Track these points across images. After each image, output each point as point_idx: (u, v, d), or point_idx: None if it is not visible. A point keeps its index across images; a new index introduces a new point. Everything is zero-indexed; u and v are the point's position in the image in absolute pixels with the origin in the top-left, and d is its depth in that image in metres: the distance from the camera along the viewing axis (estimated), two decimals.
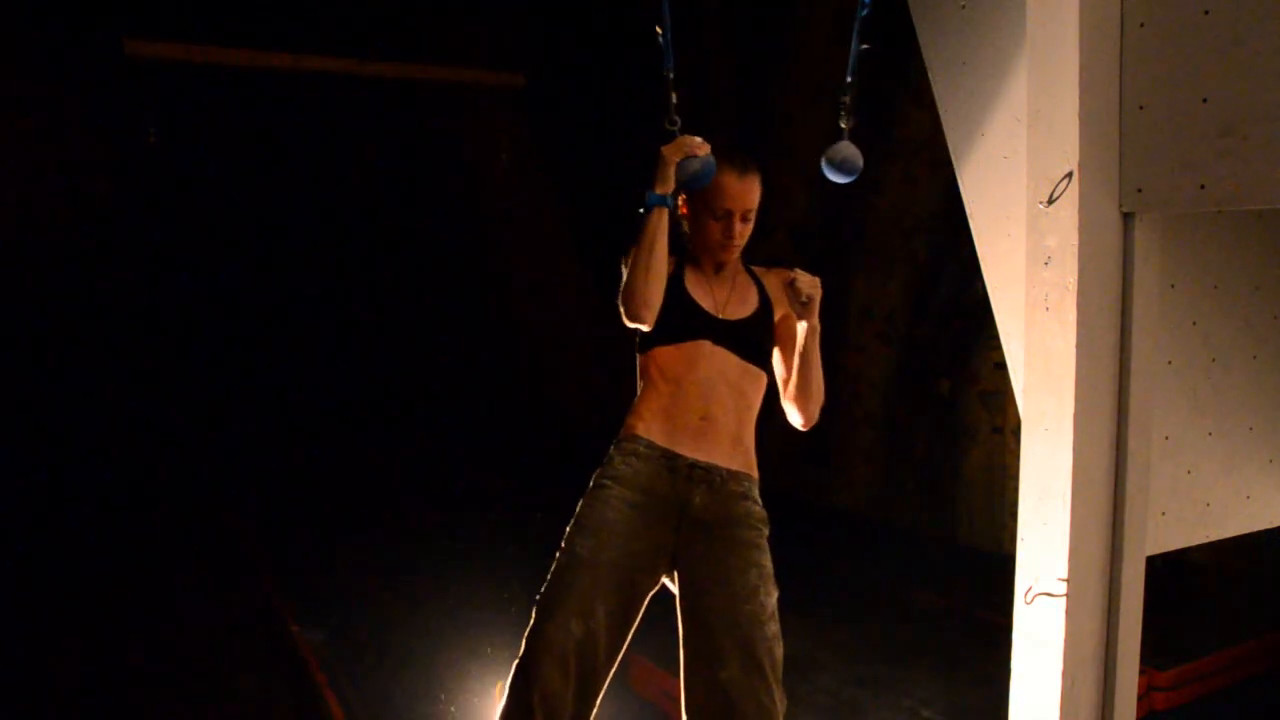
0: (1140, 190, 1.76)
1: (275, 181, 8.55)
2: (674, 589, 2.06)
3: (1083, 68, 1.72)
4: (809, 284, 2.11)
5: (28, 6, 7.24)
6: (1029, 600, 1.84)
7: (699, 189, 2.06)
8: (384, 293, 9.43)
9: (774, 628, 1.99)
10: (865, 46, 2.14)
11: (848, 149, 2.16)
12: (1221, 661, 4.04)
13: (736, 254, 2.16)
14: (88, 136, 7.81)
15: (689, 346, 2.09)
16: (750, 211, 2.15)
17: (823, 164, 2.20)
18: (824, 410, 2.23)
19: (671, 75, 2.07)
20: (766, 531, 2.09)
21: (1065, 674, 1.78)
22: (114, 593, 4.88)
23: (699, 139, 2.04)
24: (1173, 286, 1.97)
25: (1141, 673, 2.27)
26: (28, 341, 7.66)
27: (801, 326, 2.14)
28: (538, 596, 2.01)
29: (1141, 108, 1.74)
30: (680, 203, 2.16)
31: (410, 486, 6.90)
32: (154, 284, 8.36)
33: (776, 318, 2.20)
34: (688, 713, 1.97)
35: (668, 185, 2.03)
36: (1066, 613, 1.78)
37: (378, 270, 9.35)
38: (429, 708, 3.74)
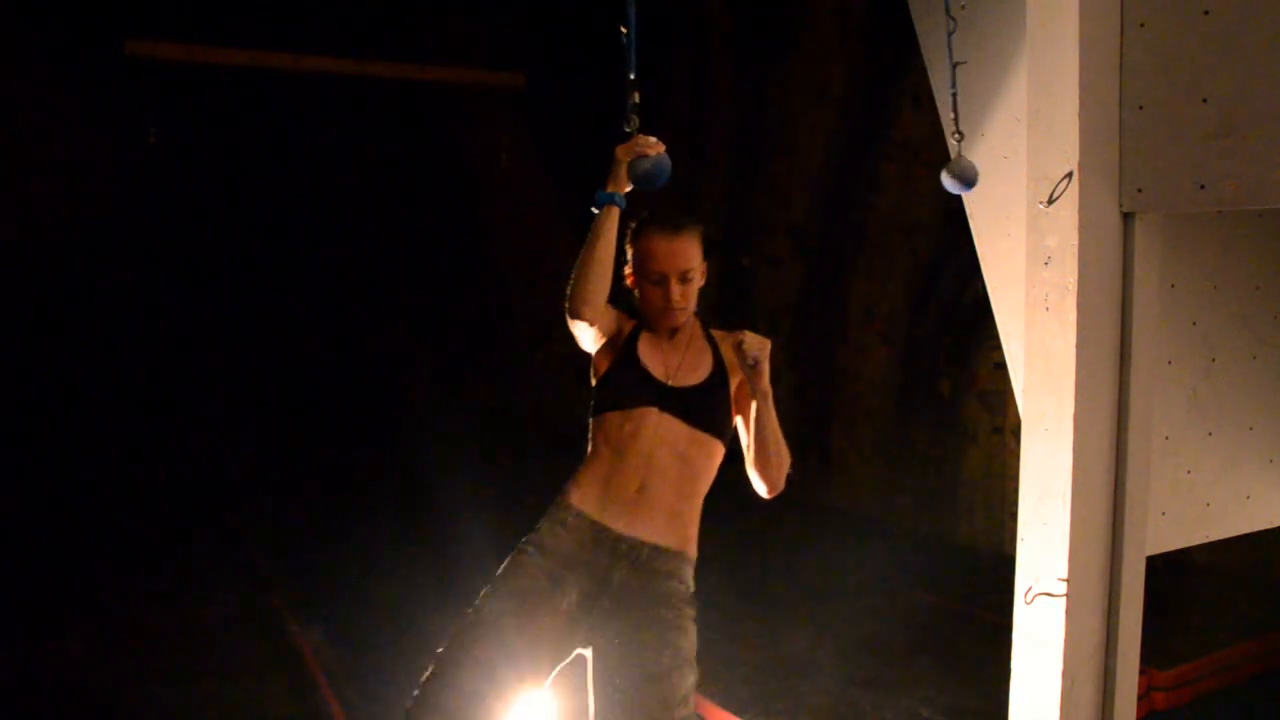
0: (1140, 190, 1.76)
1: (275, 181, 8.55)
2: (588, 660, 2.04)
3: (1083, 68, 1.72)
4: (756, 345, 2.02)
5: (28, 6, 7.24)
6: (1029, 600, 1.84)
7: (652, 189, 1.99)
8: (384, 292, 9.43)
9: (684, 711, 1.98)
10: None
11: (963, 161, 2.09)
12: (1221, 661, 4.04)
13: (682, 318, 2.09)
14: (88, 136, 7.81)
15: (636, 414, 2.05)
16: (689, 272, 2.08)
17: (944, 178, 2.12)
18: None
19: (633, 76, 2.04)
20: (691, 613, 2.07)
21: (1065, 674, 1.79)
22: (113, 592, 4.88)
23: (653, 139, 2.00)
24: (1173, 286, 1.97)
25: (1141, 673, 2.27)
26: (27, 341, 7.66)
27: (757, 391, 2.04)
28: (439, 648, 1.98)
29: (1141, 108, 1.74)
30: (626, 273, 2.13)
31: (410, 486, 6.90)
32: (154, 284, 8.36)
33: (733, 384, 2.13)
34: None
35: (619, 184, 2.01)
36: (1066, 613, 1.78)
37: (377, 270, 9.35)
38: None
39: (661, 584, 2.04)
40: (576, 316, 2.01)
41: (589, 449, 2.13)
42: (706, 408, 2.09)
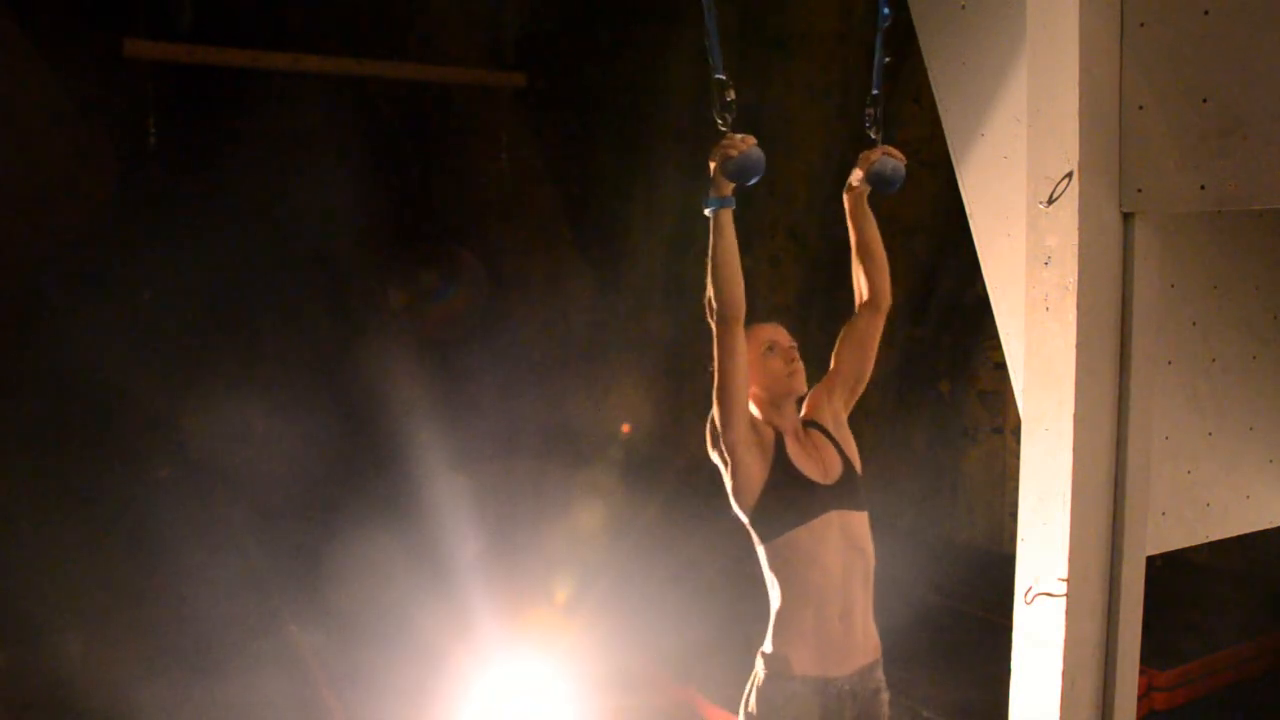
0: (1140, 190, 1.76)
1: (274, 181, 8.55)
2: None
3: (1083, 68, 1.72)
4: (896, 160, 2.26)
5: (28, 6, 7.23)
6: (1029, 600, 1.84)
7: (749, 181, 2.05)
8: (384, 292, 9.42)
9: None
10: (888, 59, 2.18)
11: (896, 164, 2.21)
12: (1221, 661, 4.04)
13: (803, 384, 2.26)
14: (88, 136, 7.80)
15: (819, 524, 2.14)
16: (794, 349, 2.27)
17: (867, 178, 2.24)
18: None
19: (719, 75, 2.08)
20: (887, 700, 2.23)
21: (1065, 674, 1.78)
22: (112, 592, 4.88)
23: (740, 136, 2.05)
24: (1173, 286, 1.96)
25: (1141, 673, 2.27)
26: (27, 341, 7.65)
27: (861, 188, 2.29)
28: None
29: (1141, 108, 1.74)
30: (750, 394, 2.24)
31: (410, 487, 6.90)
32: (155, 283, 8.35)
33: (834, 380, 2.35)
34: None
35: (720, 188, 2.05)
36: (1066, 613, 1.78)
37: (377, 269, 9.35)
38: (431, 707, 3.74)
39: (877, 699, 2.20)
40: (727, 322, 2.07)
41: (777, 582, 2.18)
42: (862, 488, 2.26)
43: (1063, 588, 1.77)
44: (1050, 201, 1.77)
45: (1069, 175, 1.74)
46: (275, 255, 8.80)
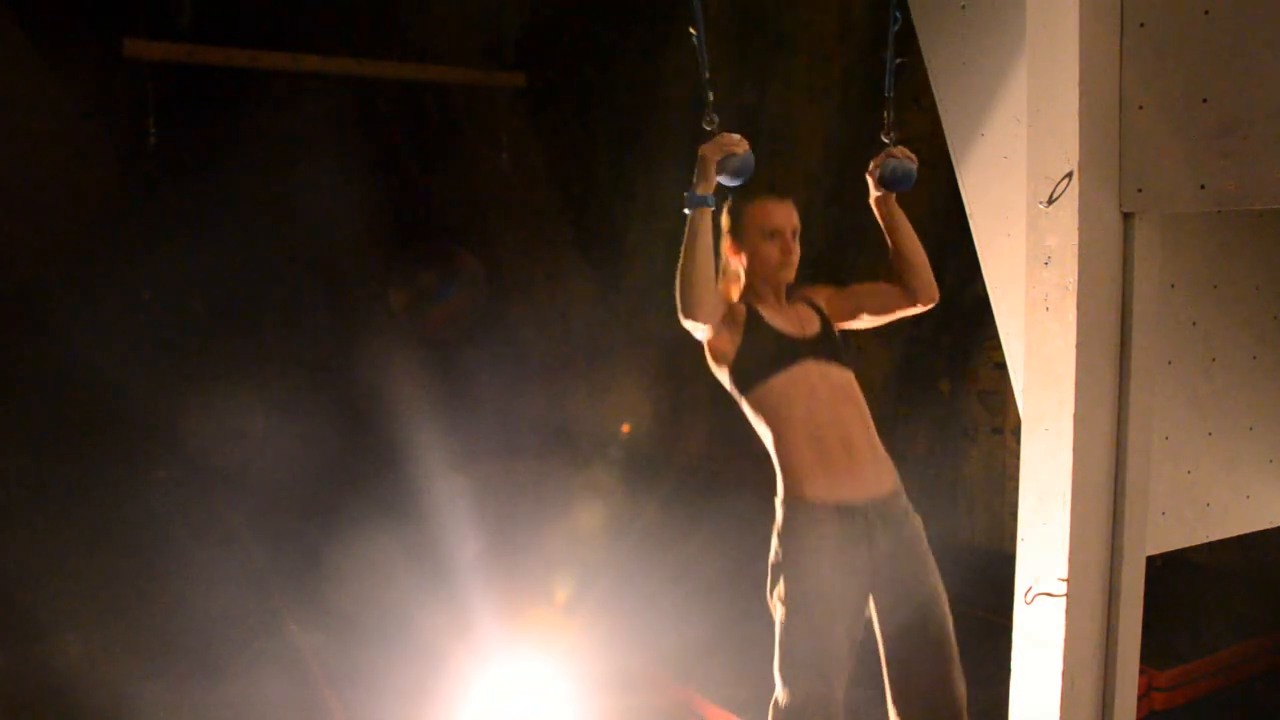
0: (1140, 190, 1.76)
1: (274, 181, 8.55)
2: (870, 608, 2.19)
3: (1083, 68, 1.72)
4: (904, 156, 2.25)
5: (28, 6, 7.23)
6: (1029, 600, 1.84)
7: (739, 184, 2.11)
8: (384, 292, 9.42)
9: (945, 607, 2.19)
10: (900, 60, 2.20)
11: (897, 163, 2.23)
12: (1221, 661, 4.04)
13: (793, 274, 2.25)
14: (88, 136, 7.81)
15: (795, 371, 2.15)
16: (796, 231, 2.25)
17: (878, 182, 2.25)
18: None
19: (708, 75, 2.09)
20: (920, 523, 2.22)
21: (1065, 674, 1.79)
22: (112, 592, 4.88)
23: (737, 136, 2.07)
24: (1173, 286, 1.97)
25: (1141, 673, 2.27)
26: (27, 342, 7.66)
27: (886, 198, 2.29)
28: (777, 666, 2.15)
29: (1141, 108, 1.74)
30: (731, 248, 2.26)
31: (410, 487, 6.90)
32: (154, 283, 8.35)
33: (839, 301, 2.33)
34: (892, 695, 2.19)
35: (709, 184, 2.06)
36: (1066, 613, 1.78)
37: (377, 269, 9.35)
38: (431, 707, 3.74)
39: (908, 524, 2.18)
40: (694, 318, 2.08)
41: (767, 430, 2.18)
42: (842, 349, 2.26)
43: (1063, 588, 1.77)
44: (1050, 201, 1.77)
45: (1069, 175, 1.74)
46: (275, 255, 8.80)
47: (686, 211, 2.05)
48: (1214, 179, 1.65)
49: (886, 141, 2.28)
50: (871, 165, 2.28)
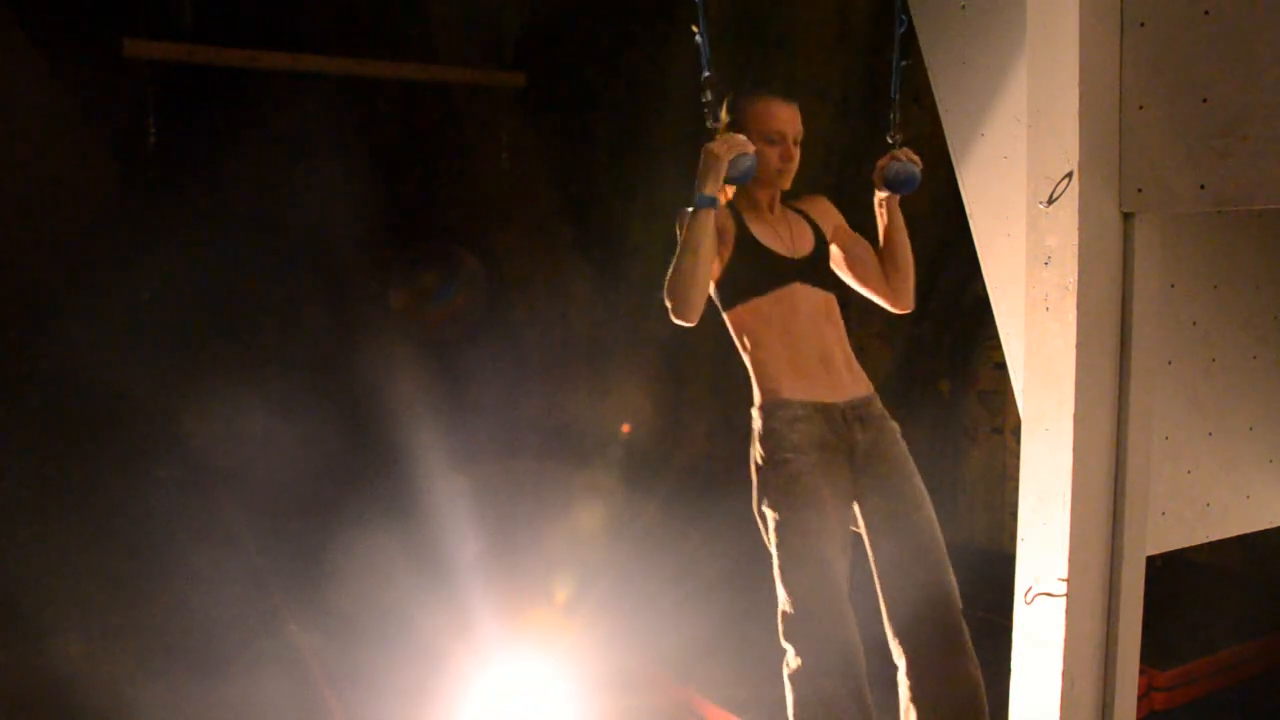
0: (1140, 190, 1.76)
1: (274, 181, 8.55)
2: (858, 519, 2.18)
3: (1083, 68, 1.72)
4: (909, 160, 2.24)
5: (28, 6, 7.23)
6: (1029, 600, 1.84)
7: (744, 180, 2.09)
8: (384, 292, 9.42)
9: (932, 511, 2.22)
10: (906, 63, 2.20)
11: (901, 166, 2.23)
12: (1221, 661, 4.04)
13: (789, 181, 2.20)
14: (88, 136, 7.81)
15: (783, 293, 2.14)
16: (799, 137, 2.20)
17: (884, 179, 2.24)
18: None
19: (709, 74, 2.08)
20: (898, 428, 2.24)
21: (1065, 674, 1.78)
22: (112, 592, 4.88)
23: (741, 136, 2.06)
24: (1173, 286, 1.97)
25: (1141, 673, 2.27)
26: (27, 342, 7.65)
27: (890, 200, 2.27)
28: (778, 572, 2.08)
29: (1141, 108, 1.74)
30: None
31: (410, 487, 6.90)
32: (154, 283, 8.35)
33: (831, 241, 2.30)
34: (888, 607, 2.16)
35: (718, 184, 2.03)
36: (1066, 613, 1.78)
37: (377, 269, 9.35)
38: (431, 707, 3.74)
39: (885, 427, 2.20)
40: (687, 320, 2.05)
41: (745, 344, 2.18)
42: (829, 271, 2.24)
43: (1063, 588, 1.77)
44: (1050, 201, 1.77)
45: (1069, 175, 1.74)
46: (275, 255, 8.80)
47: (690, 210, 2.03)
48: (1214, 179, 1.65)
49: (891, 143, 2.26)
50: (877, 167, 2.27)
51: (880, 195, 2.29)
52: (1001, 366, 2.70)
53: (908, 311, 2.36)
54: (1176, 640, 4.07)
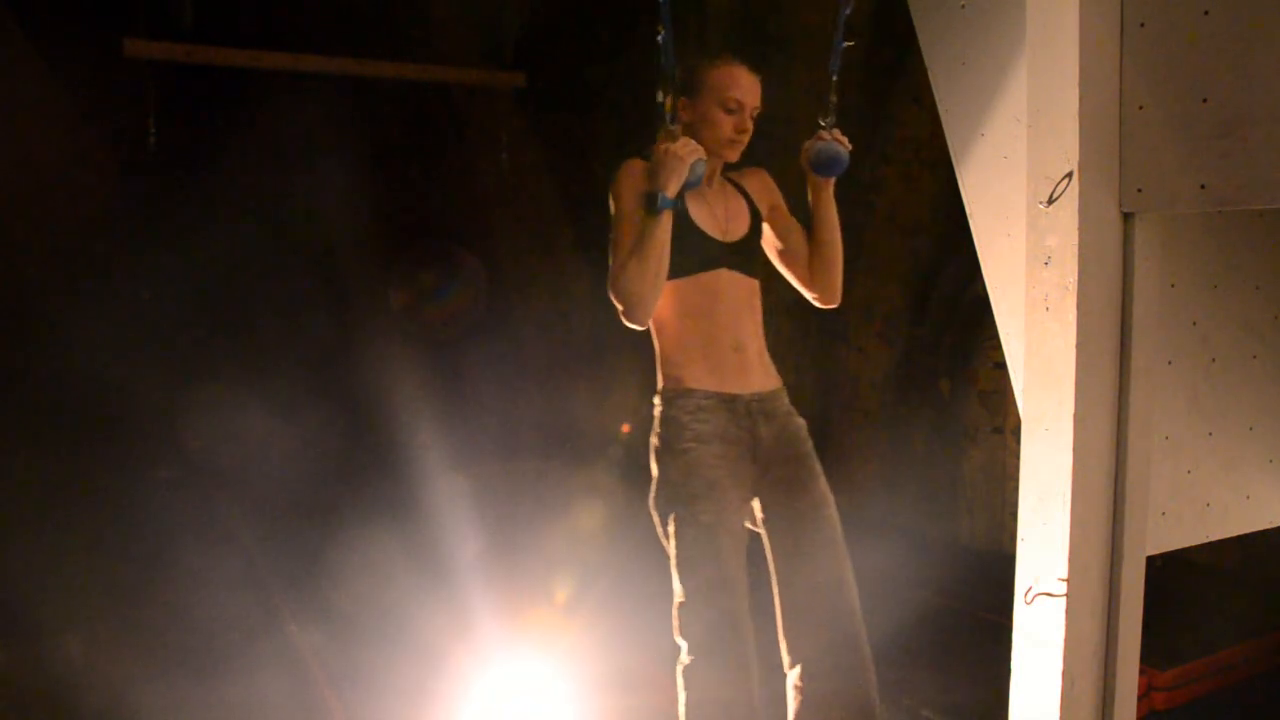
0: (1140, 190, 1.76)
1: (274, 181, 8.55)
2: (757, 516, 2.14)
3: (1083, 68, 1.72)
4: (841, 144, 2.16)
5: (28, 6, 7.23)
6: (1029, 600, 1.84)
7: (693, 188, 2.05)
8: (384, 292, 9.42)
9: (835, 511, 2.15)
10: (849, 44, 2.15)
11: (825, 145, 2.18)
12: (1221, 661, 4.04)
13: (739, 154, 2.14)
14: (88, 136, 7.80)
15: (707, 278, 2.08)
16: (758, 110, 2.13)
17: (808, 159, 2.21)
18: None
19: (675, 77, 2.06)
20: (804, 426, 2.19)
21: (1065, 674, 1.78)
22: (112, 592, 4.88)
23: (693, 141, 2.04)
24: (1173, 286, 1.97)
25: (1141, 673, 2.27)
26: (27, 342, 7.65)
27: (823, 185, 2.18)
28: (674, 565, 2.05)
29: (1141, 108, 1.74)
30: (679, 104, 2.11)
31: (410, 487, 6.90)
32: (154, 283, 8.35)
33: (765, 221, 2.22)
34: (782, 608, 2.11)
35: (679, 186, 2.01)
36: (1066, 613, 1.78)
37: (377, 269, 9.35)
38: (431, 707, 3.74)
39: (791, 424, 2.15)
40: (639, 323, 2.02)
41: (655, 325, 2.12)
42: (759, 258, 2.18)
43: (1063, 588, 1.77)
44: (1050, 201, 1.77)
45: (1069, 175, 1.74)
46: (275, 255, 8.80)
47: (651, 213, 1.99)
48: (1214, 179, 1.65)
49: (822, 124, 2.19)
50: (803, 148, 2.21)
51: (810, 179, 2.23)
52: (1001, 366, 2.70)
53: (832, 306, 2.28)
54: (1176, 640, 4.06)
